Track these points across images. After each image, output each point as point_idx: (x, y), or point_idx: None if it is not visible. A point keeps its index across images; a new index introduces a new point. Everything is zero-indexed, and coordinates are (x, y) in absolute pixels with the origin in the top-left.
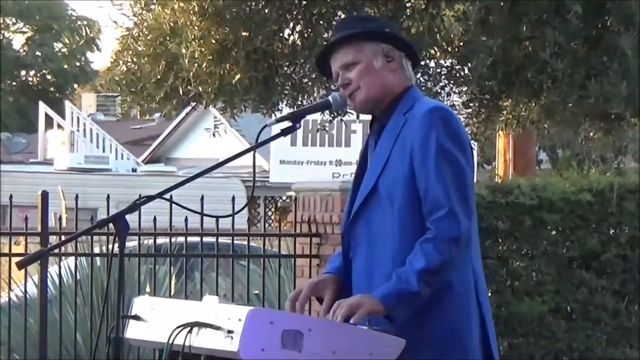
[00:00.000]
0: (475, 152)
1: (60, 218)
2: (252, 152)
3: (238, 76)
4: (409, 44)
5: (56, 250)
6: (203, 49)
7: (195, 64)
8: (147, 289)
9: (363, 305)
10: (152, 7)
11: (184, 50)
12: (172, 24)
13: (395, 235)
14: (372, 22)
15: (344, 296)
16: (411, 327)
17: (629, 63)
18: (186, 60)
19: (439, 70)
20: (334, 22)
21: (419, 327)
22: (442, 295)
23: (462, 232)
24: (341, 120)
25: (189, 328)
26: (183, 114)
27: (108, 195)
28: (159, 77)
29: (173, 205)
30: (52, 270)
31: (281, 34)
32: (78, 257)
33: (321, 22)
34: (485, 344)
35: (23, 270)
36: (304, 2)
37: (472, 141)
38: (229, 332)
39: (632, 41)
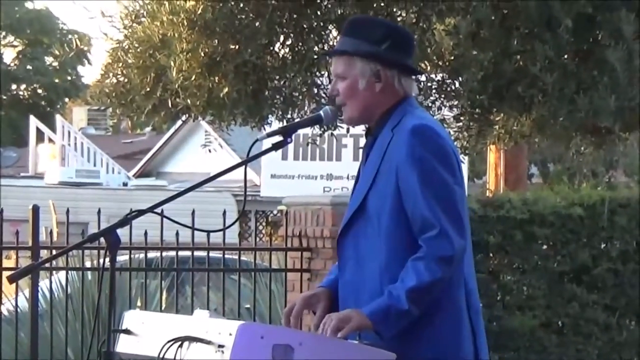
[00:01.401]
0: (465, 166)
1: (51, 232)
2: (243, 167)
3: (226, 89)
4: (401, 63)
5: (47, 265)
6: (192, 62)
7: (183, 77)
8: (138, 303)
9: (352, 319)
10: (142, 19)
11: (172, 63)
12: (161, 37)
13: (382, 252)
14: (377, 30)
15: (335, 310)
16: (401, 343)
17: (618, 77)
18: (174, 73)
19: (429, 84)
20: (324, 36)
21: (409, 344)
22: (433, 313)
23: (455, 251)
24: (332, 134)
25: (179, 342)
26: (174, 128)
27: (99, 210)
28: (147, 89)
29: (164, 219)
30: (43, 284)
31: (271, 48)
32: (69, 271)
33: (311, 35)
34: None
35: (14, 285)
36: (294, 16)
37: (463, 155)
38: (220, 346)
39: (621, 55)
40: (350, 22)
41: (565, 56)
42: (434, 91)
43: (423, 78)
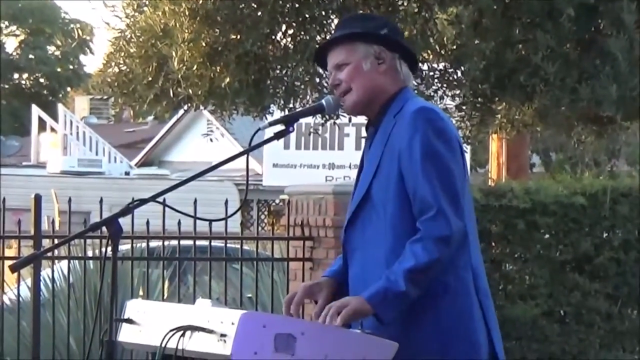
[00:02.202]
0: (468, 156)
1: (53, 221)
2: (246, 156)
3: (228, 79)
4: (402, 45)
5: (49, 254)
6: (193, 52)
7: (185, 66)
8: (140, 292)
9: (349, 304)
10: (144, 9)
11: (174, 53)
12: (163, 26)
13: (387, 239)
14: (371, 21)
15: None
16: (407, 328)
17: (619, 66)
18: (175, 63)
19: (431, 73)
20: (326, 25)
21: (415, 327)
22: (439, 296)
23: (453, 231)
24: (334, 123)
25: (181, 331)
26: (176, 118)
27: (101, 199)
28: (149, 78)
29: (166, 208)
30: (45, 273)
31: (273, 37)
32: (71, 261)
33: (313, 25)
34: (490, 343)
35: (16, 274)
36: (296, 5)
37: (465, 144)
38: (222, 335)
39: (623, 44)
40: (345, 18)
41: (567, 45)
42: (436, 80)
43: (425, 67)
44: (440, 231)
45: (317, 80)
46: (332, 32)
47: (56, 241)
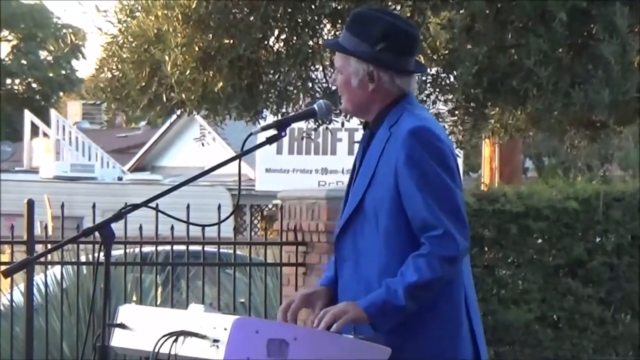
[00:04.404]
0: (460, 160)
1: (46, 226)
2: (238, 160)
3: (221, 84)
4: (395, 66)
5: (42, 259)
6: (186, 57)
7: (178, 71)
8: (134, 298)
9: (347, 312)
10: (137, 14)
11: (166, 58)
12: (156, 31)
13: (381, 253)
14: (372, 29)
15: None
16: (398, 340)
17: (612, 71)
18: (168, 67)
19: (424, 78)
20: (318, 30)
21: (405, 341)
22: (431, 311)
23: (460, 252)
24: (327, 128)
25: (174, 337)
26: (169, 123)
27: (94, 204)
28: (143, 83)
29: (159, 213)
30: (38, 278)
31: (265, 42)
32: (64, 266)
33: (306, 29)
34: (477, 357)
35: (9, 279)
36: (289, 10)
37: (458, 149)
38: (215, 341)
39: (615, 49)
40: (352, 16)
41: (560, 50)
42: (428, 85)
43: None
44: (447, 251)
45: (310, 84)
46: (325, 36)
47: (49, 246)
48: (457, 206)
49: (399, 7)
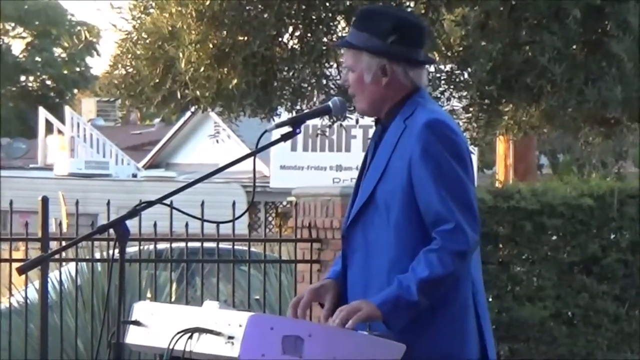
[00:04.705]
0: (475, 157)
1: (60, 223)
2: (253, 158)
3: (235, 81)
4: (408, 57)
5: (57, 256)
6: (200, 53)
7: (193, 68)
8: (148, 295)
9: (361, 309)
10: (151, 10)
11: (181, 54)
12: (170, 28)
13: (392, 247)
14: (382, 22)
15: (343, 301)
16: (407, 337)
17: (625, 68)
18: (182, 64)
19: (438, 75)
20: (332, 27)
21: (415, 338)
22: (439, 308)
23: (470, 246)
24: (341, 125)
25: (189, 334)
26: (183, 120)
27: (108, 201)
28: (157, 80)
29: (173, 210)
30: (53, 275)
31: (280, 39)
32: (79, 263)
33: (320, 26)
34: (484, 356)
35: (24, 276)
36: (303, 7)
37: (472, 146)
38: (230, 337)
39: (628, 46)
40: (359, 13)
41: (574, 47)
42: (442, 82)
43: (432, 69)
44: (458, 245)
45: (324, 81)
46: (339, 33)
47: (64, 243)
48: (470, 200)
49: (412, 4)
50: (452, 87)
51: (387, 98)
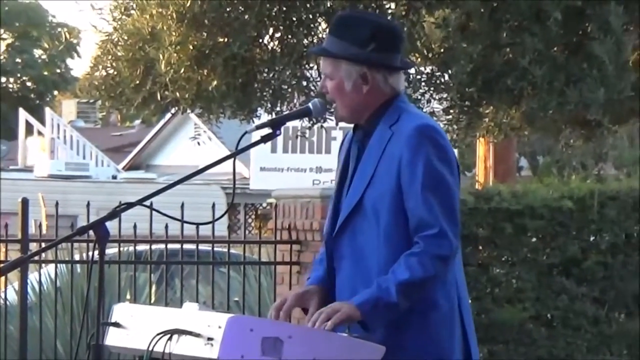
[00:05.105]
0: None
1: (40, 225)
2: (232, 159)
3: (215, 82)
4: (387, 65)
5: (36, 257)
6: (181, 55)
7: (173, 70)
8: (128, 296)
9: (340, 310)
10: (132, 12)
11: (161, 56)
12: (150, 29)
13: (381, 251)
14: (361, 30)
15: None
16: (393, 340)
17: (606, 70)
18: (163, 66)
19: (419, 76)
20: (313, 29)
21: (401, 341)
22: (427, 311)
23: (452, 251)
24: (321, 126)
25: (169, 335)
26: (163, 121)
27: (88, 202)
28: (137, 82)
29: (153, 212)
30: (32, 277)
31: (260, 40)
32: (58, 264)
33: (300, 28)
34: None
35: (3, 277)
36: (284, 8)
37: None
38: (209, 339)
39: (610, 48)
40: (336, 20)
41: (555, 49)
42: (423, 84)
43: (412, 71)
44: (441, 250)
45: (304, 83)
46: (320, 35)
47: (43, 245)
48: (454, 206)
49: (393, 6)
50: (432, 89)
51: (367, 105)
